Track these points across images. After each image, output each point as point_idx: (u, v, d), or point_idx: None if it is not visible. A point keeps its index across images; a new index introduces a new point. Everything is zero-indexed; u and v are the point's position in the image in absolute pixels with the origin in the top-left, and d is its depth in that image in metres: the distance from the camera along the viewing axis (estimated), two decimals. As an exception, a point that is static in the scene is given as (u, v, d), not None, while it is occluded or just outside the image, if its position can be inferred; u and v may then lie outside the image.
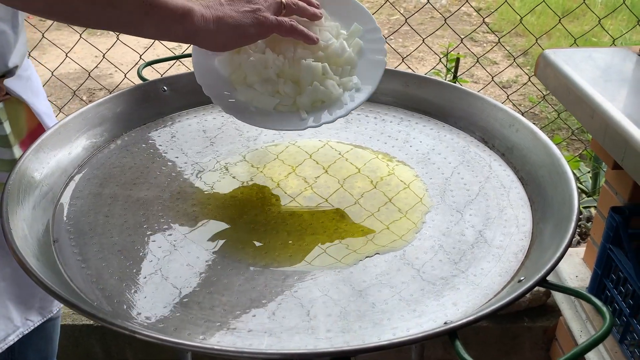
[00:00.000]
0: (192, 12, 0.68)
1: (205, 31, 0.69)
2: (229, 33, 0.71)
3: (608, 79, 1.13)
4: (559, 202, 0.72)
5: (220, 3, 0.71)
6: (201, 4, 0.70)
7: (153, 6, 0.65)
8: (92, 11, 0.63)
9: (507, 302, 0.56)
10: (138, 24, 0.66)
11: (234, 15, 0.71)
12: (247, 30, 0.72)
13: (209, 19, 0.69)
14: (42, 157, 0.79)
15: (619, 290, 1.17)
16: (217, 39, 0.71)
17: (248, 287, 0.65)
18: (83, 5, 0.62)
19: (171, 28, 0.68)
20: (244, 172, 0.84)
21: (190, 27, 0.68)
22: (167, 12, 0.66)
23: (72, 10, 0.63)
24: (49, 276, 0.60)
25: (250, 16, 0.71)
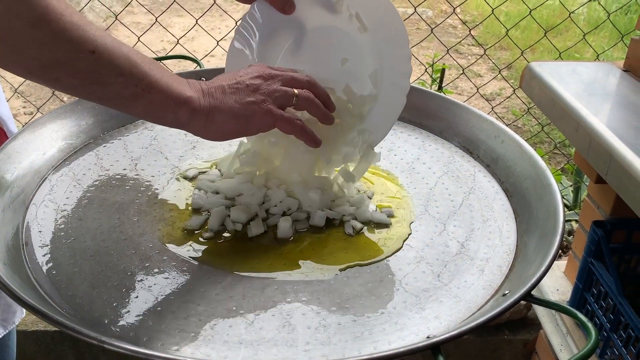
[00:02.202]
0: (189, 102, 0.62)
1: (198, 122, 0.63)
2: (225, 126, 0.65)
3: (592, 92, 1.13)
4: (544, 215, 0.71)
5: (223, 90, 0.65)
6: (202, 89, 0.64)
7: (146, 91, 0.59)
8: (79, 86, 0.57)
9: (491, 316, 0.55)
10: (127, 106, 0.60)
11: (234, 107, 0.64)
12: (246, 124, 0.66)
13: (205, 110, 0.63)
14: (14, 157, 0.76)
15: (599, 305, 1.17)
16: (211, 130, 0.65)
17: (225, 297, 0.62)
18: (67, 79, 0.56)
19: (162, 115, 0.62)
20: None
21: (183, 116, 0.62)
22: (160, 99, 0.60)
23: (56, 81, 0.56)
24: (15, 281, 0.57)
25: (253, 108, 0.65)
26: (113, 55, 0.56)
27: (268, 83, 0.67)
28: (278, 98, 0.67)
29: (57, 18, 0.52)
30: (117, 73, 0.57)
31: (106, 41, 0.56)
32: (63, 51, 0.53)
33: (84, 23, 0.55)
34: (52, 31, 0.52)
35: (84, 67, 0.55)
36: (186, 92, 0.62)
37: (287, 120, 0.68)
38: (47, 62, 0.54)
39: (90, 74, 0.56)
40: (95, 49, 0.54)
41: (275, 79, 0.68)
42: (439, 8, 4.29)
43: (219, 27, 3.63)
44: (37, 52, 0.53)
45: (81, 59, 0.54)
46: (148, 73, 0.59)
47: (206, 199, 0.75)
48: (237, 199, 0.75)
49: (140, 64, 0.58)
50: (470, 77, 2.77)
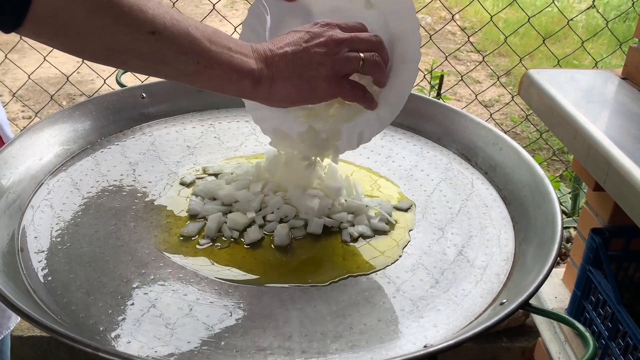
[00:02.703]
0: (251, 74, 0.62)
1: (262, 91, 0.63)
2: (289, 96, 0.64)
3: (591, 100, 1.13)
4: (542, 223, 0.71)
5: (287, 59, 0.63)
6: (266, 58, 0.63)
7: (209, 67, 0.59)
8: (144, 67, 0.58)
9: (489, 325, 0.54)
10: (192, 81, 0.60)
11: (298, 78, 0.64)
12: (310, 95, 0.65)
13: (268, 80, 0.63)
14: (11, 162, 0.76)
15: (598, 313, 1.17)
16: (275, 99, 0.65)
17: (221, 304, 0.62)
18: (132, 60, 0.57)
19: (226, 87, 0.62)
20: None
21: (246, 87, 0.62)
22: (222, 74, 0.60)
23: (122, 64, 0.58)
24: (10, 288, 0.57)
25: (317, 81, 0.64)
26: (173, 34, 0.56)
27: (335, 52, 0.65)
28: (344, 67, 0.65)
29: (115, 3, 0.53)
30: (179, 52, 0.57)
31: (165, 20, 0.56)
32: (124, 35, 0.54)
33: (142, 3, 0.54)
34: (111, 16, 0.53)
35: (146, 49, 0.55)
36: (249, 64, 0.61)
37: (351, 90, 0.67)
38: (110, 47, 0.54)
39: (153, 54, 0.56)
40: (155, 30, 0.55)
41: (342, 44, 0.65)
42: (438, 15, 4.31)
43: (218, 33, 3.64)
44: (99, 38, 0.53)
45: (142, 41, 0.55)
46: (209, 48, 0.58)
47: (203, 206, 0.75)
48: (234, 206, 0.75)
49: (200, 40, 0.58)
50: (468, 84, 2.78)
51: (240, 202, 0.74)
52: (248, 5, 4.08)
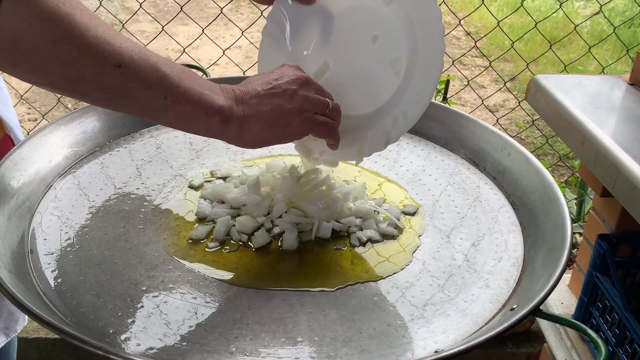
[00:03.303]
0: (221, 111, 0.60)
1: (232, 131, 0.62)
2: (261, 135, 0.63)
3: (598, 106, 1.13)
4: (552, 229, 0.71)
5: (258, 97, 0.63)
6: (235, 97, 0.62)
7: (176, 103, 0.57)
8: (108, 100, 0.56)
9: (500, 331, 0.54)
10: (157, 117, 0.59)
11: (270, 115, 0.63)
12: (283, 132, 0.65)
13: (239, 119, 0.62)
14: (20, 164, 0.76)
15: (604, 319, 1.16)
16: (246, 139, 0.63)
17: (230, 307, 0.62)
18: (95, 93, 0.55)
19: (194, 125, 0.60)
20: (231, 187, 0.82)
21: (215, 126, 0.61)
22: (190, 110, 0.58)
23: (84, 96, 0.56)
24: (20, 290, 0.57)
25: (290, 117, 0.64)
26: (140, 68, 0.54)
27: (305, 89, 0.66)
28: (315, 105, 0.66)
29: (81, 34, 0.51)
30: (145, 86, 0.55)
31: (133, 53, 0.54)
32: (88, 67, 0.52)
33: (110, 35, 0.53)
34: (76, 48, 0.51)
35: (111, 81, 0.54)
36: (218, 102, 0.60)
37: (323, 126, 0.67)
38: (72, 78, 0.53)
39: (118, 87, 0.54)
40: (121, 63, 0.53)
41: (310, 85, 0.67)
42: (443, 20, 4.31)
43: (223, 36, 3.64)
44: (62, 69, 0.52)
45: (107, 74, 0.53)
46: (178, 84, 0.57)
47: (211, 209, 0.75)
48: (243, 209, 0.75)
49: (169, 74, 0.57)
50: (474, 89, 2.78)
51: (249, 205, 0.74)
52: (253, 9, 4.09)
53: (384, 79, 0.74)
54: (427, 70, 0.72)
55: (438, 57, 0.72)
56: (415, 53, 0.72)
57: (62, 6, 0.50)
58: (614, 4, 3.86)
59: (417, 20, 0.72)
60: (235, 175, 0.82)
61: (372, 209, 0.76)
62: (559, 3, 1.88)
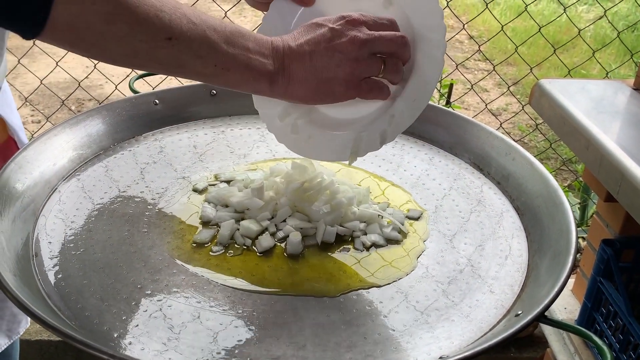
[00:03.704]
0: (267, 76, 0.62)
1: (278, 91, 0.63)
2: (306, 97, 0.65)
3: (602, 110, 1.13)
4: (556, 234, 0.71)
5: (307, 58, 0.63)
6: (284, 58, 0.62)
7: (225, 69, 0.60)
8: (163, 69, 0.60)
9: (505, 337, 0.54)
10: (210, 82, 0.62)
11: (315, 81, 0.63)
12: (327, 97, 0.65)
13: (285, 81, 0.63)
14: (25, 167, 0.76)
15: (608, 324, 1.16)
16: (293, 98, 0.65)
17: (234, 312, 0.62)
18: (150, 64, 0.58)
19: (243, 87, 0.63)
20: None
21: (263, 88, 0.63)
22: (238, 76, 0.61)
23: (141, 67, 0.60)
24: (25, 293, 0.57)
25: (334, 85, 0.64)
26: (190, 39, 0.57)
27: (356, 56, 0.63)
28: (364, 71, 0.64)
29: (131, 11, 0.53)
30: (195, 56, 0.58)
31: (182, 24, 0.56)
32: (140, 42, 0.55)
33: (159, 8, 0.55)
34: (127, 24, 0.53)
35: (163, 54, 0.56)
36: (265, 66, 0.62)
37: (370, 92, 0.66)
38: (128, 53, 0.55)
39: (171, 59, 0.57)
40: (172, 35, 0.55)
41: (364, 47, 0.64)
42: (446, 23, 4.31)
43: (226, 39, 3.65)
44: (116, 46, 0.54)
45: (160, 47, 0.56)
46: (226, 52, 0.59)
47: (215, 212, 0.75)
48: (247, 213, 0.75)
49: (217, 42, 0.58)
50: (477, 92, 2.78)
51: (253, 209, 0.74)
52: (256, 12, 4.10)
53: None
54: (428, 70, 0.71)
55: (439, 56, 0.71)
56: (415, 52, 0.71)
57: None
58: (617, 8, 3.86)
59: (418, 20, 0.71)
60: (240, 178, 0.82)
61: (376, 214, 0.76)
62: (562, 7, 1.88)
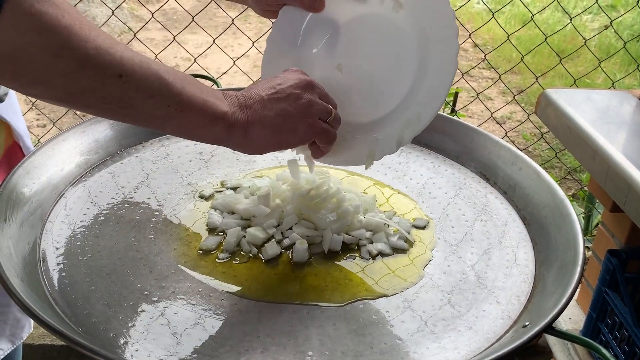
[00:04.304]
0: (225, 118, 0.60)
1: (236, 137, 0.61)
2: (266, 140, 0.63)
3: (608, 120, 1.13)
4: (564, 245, 0.71)
5: (262, 102, 0.62)
6: (239, 103, 0.61)
7: (179, 110, 0.57)
8: (110, 110, 0.56)
9: (513, 348, 0.54)
10: (162, 126, 0.58)
11: (274, 120, 0.62)
12: (287, 137, 0.64)
13: (243, 125, 0.61)
14: (33, 172, 0.76)
15: (614, 335, 1.15)
16: (251, 145, 0.63)
17: (240, 320, 0.62)
18: (97, 104, 0.54)
19: (198, 133, 0.60)
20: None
21: (220, 133, 0.60)
22: (194, 118, 0.58)
23: (86, 107, 0.55)
24: (33, 299, 0.57)
25: (294, 121, 0.63)
26: (142, 77, 0.54)
27: (309, 93, 0.65)
28: (319, 111, 0.65)
29: (80, 46, 0.50)
30: (148, 95, 0.55)
31: (133, 63, 0.54)
32: (89, 78, 0.52)
33: (110, 45, 0.52)
34: (75, 60, 0.50)
35: (112, 92, 0.53)
36: (221, 108, 0.60)
37: (327, 132, 0.66)
38: (74, 91, 0.52)
39: (120, 98, 0.54)
40: (123, 73, 0.53)
41: (314, 88, 0.66)
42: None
43: (231, 45, 3.66)
44: (62, 82, 0.51)
45: (108, 84, 0.53)
46: (180, 91, 0.57)
47: (222, 220, 0.75)
48: (253, 220, 0.75)
49: (171, 82, 0.56)
50: (482, 101, 2.78)
51: (260, 216, 0.74)
52: (261, 18, 4.11)
53: (394, 83, 0.73)
54: (441, 71, 0.71)
55: (452, 57, 0.71)
56: (427, 55, 0.71)
57: (61, 19, 0.49)
58: (621, 17, 3.86)
59: (429, 22, 0.71)
60: (246, 186, 0.82)
61: (382, 222, 0.76)
62: (566, 16, 1.89)
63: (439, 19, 0.71)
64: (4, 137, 0.85)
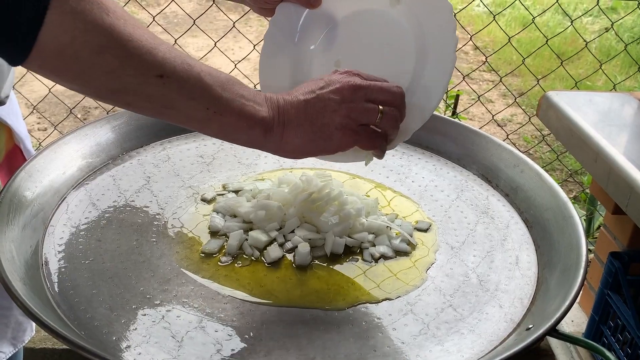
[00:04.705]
0: (262, 123, 0.60)
1: (273, 142, 0.61)
2: (302, 147, 0.62)
3: (610, 123, 1.13)
4: (566, 248, 0.71)
5: (301, 107, 0.61)
6: (278, 107, 0.61)
7: (218, 114, 0.57)
8: (151, 109, 0.57)
9: (517, 351, 0.54)
10: (200, 128, 0.59)
11: (311, 127, 0.61)
12: (324, 146, 0.63)
13: (279, 130, 0.61)
14: (35, 176, 0.76)
15: (616, 338, 1.15)
16: (286, 150, 0.62)
17: (243, 323, 0.62)
18: (138, 102, 0.55)
19: (236, 136, 0.60)
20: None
21: (257, 137, 0.60)
22: (232, 122, 0.58)
23: (127, 104, 0.56)
24: (36, 303, 0.57)
25: (331, 130, 0.62)
26: (182, 79, 0.55)
27: (351, 99, 0.62)
28: (360, 116, 0.63)
29: (123, 44, 0.51)
30: (188, 97, 0.55)
31: (175, 64, 0.54)
32: (130, 77, 0.52)
33: (153, 45, 0.53)
34: (118, 58, 0.51)
35: (153, 92, 0.54)
36: (260, 113, 0.60)
37: (370, 140, 0.64)
38: (115, 88, 0.53)
39: (160, 98, 0.55)
40: (164, 74, 0.53)
41: (359, 91, 0.63)
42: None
43: (232, 48, 3.67)
44: (104, 79, 0.52)
45: (150, 84, 0.53)
46: (220, 95, 0.57)
47: (224, 223, 0.75)
48: (255, 223, 0.75)
49: (212, 86, 0.57)
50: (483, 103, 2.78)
51: (262, 219, 0.74)
52: (261, 22, 4.12)
53: (393, 78, 0.72)
54: (440, 66, 0.71)
55: (450, 51, 0.71)
56: (425, 48, 0.72)
57: (105, 17, 0.50)
58: (622, 19, 3.87)
59: (427, 17, 0.71)
60: (248, 189, 0.82)
61: (384, 225, 0.76)
62: (566, 18, 1.89)
63: (436, 14, 0.71)
64: (5, 140, 0.85)
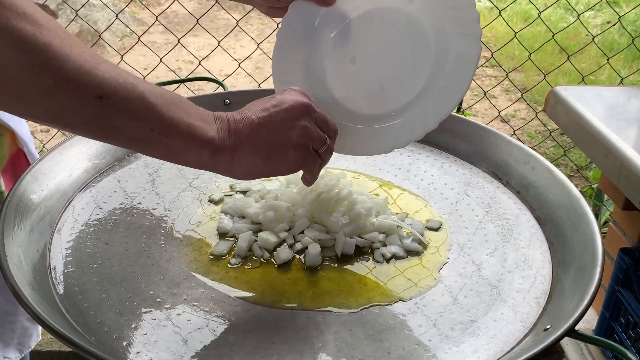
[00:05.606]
0: (211, 143, 0.58)
1: (223, 163, 0.59)
2: (253, 168, 0.61)
3: (619, 117, 1.12)
4: (581, 245, 0.69)
5: (252, 126, 0.59)
6: (228, 127, 0.59)
7: (164, 134, 0.55)
8: (92, 132, 0.54)
9: (536, 352, 0.53)
10: (145, 150, 0.57)
11: (262, 147, 0.60)
12: (276, 166, 0.61)
13: (230, 150, 0.59)
14: (41, 179, 0.75)
15: (628, 335, 1.14)
16: (237, 172, 0.61)
17: (256, 326, 0.61)
18: (78, 124, 0.53)
19: (183, 158, 0.58)
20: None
21: (205, 158, 0.58)
22: (179, 143, 0.56)
23: (67, 127, 0.54)
24: (44, 308, 0.56)
25: (284, 150, 0.60)
26: (124, 99, 0.52)
27: (305, 119, 0.62)
28: (314, 140, 0.62)
29: (60, 65, 0.49)
30: (130, 117, 0.53)
31: (116, 84, 0.52)
32: (68, 98, 0.50)
33: (92, 65, 0.51)
34: (55, 79, 0.49)
35: (92, 113, 0.52)
36: (208, 133, 0.57)
37: (315, 163, 0.64)
38: (53, 110, 0.51)
39: (100, 119, 0.52)
40: (103, 94, 0.51)
41: (312, 113, 0.62)
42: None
43: (233, 47, 3.65)
44: (41, 100, 0.50)
45: (88, 105, 0.51)
46: (166, 115, 0.55)
47: (232, 224, 0.74)
48: (264, 224, 0.74)
49: (156, 105, 0.54)
50: (485, 99, 2.77)
51: (271, 220, 0.73)
52: (262, 20, 4.10)
53: (409, 77, 0.73)
54: (465, 55, 0.72)
55: (474, 42, 0.71)
56: (446, 43, 0.71)
57: (39, 36, 0.48)
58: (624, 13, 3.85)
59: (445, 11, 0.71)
60: (256, 189, 0.81)
61: (395, 224, 0.75)
62: (568, 12, 1.87)
63: (457, 8, 0.70)
64: (8, 145, 0.84)
